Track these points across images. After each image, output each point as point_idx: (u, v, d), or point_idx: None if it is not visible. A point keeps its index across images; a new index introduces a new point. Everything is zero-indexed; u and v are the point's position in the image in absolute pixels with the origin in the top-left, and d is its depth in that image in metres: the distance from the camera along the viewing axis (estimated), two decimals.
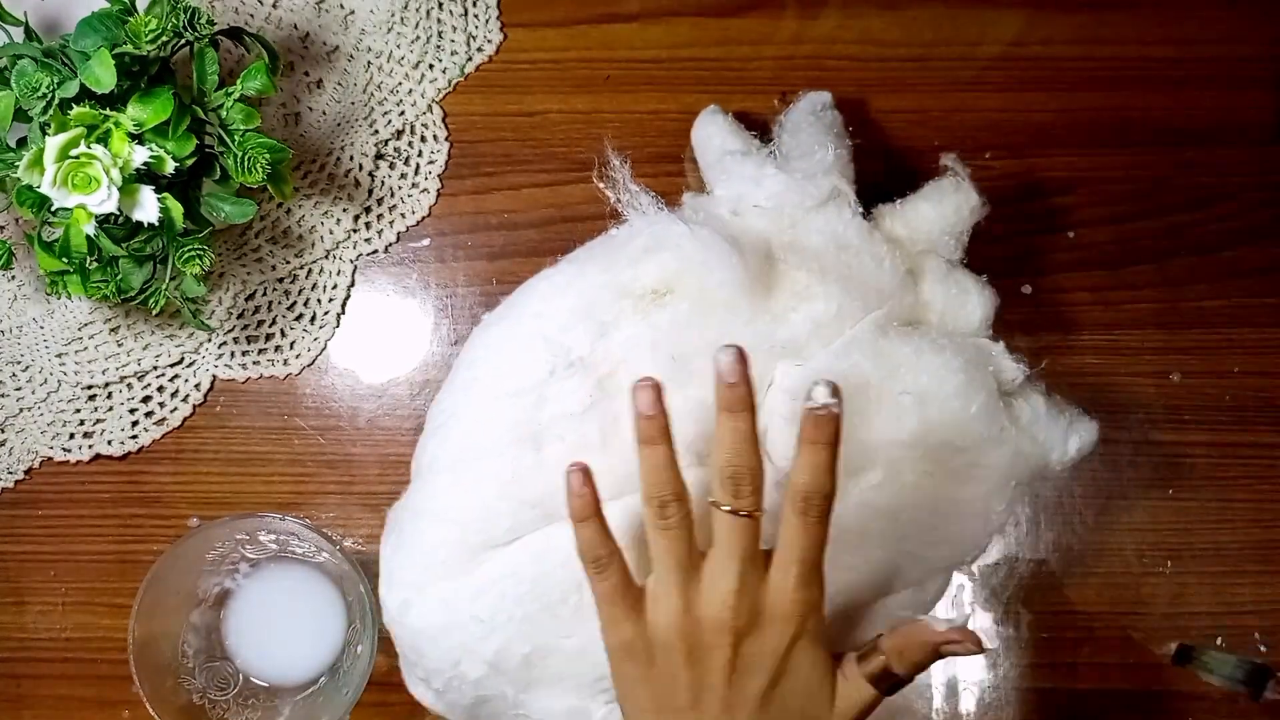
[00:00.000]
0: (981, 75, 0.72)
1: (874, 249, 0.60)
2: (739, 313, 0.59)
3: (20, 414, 0.69)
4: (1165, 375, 0.71)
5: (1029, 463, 0.60)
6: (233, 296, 0.70)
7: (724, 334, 0.58)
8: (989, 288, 0.63)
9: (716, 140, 0.66)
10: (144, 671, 0.63)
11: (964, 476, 0.59)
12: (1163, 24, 0.72)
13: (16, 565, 0.69)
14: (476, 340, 0.63)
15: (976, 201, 0.64)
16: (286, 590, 0.68)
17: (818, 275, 0.59)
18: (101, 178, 0.58)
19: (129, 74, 0.60)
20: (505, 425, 0.59)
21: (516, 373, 0.60)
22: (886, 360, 0.58)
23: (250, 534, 0.66)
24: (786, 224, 0.60)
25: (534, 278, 0.63)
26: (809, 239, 0.60)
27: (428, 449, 0.62)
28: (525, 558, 0.59)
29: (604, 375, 0.59)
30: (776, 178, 0.61)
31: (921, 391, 0.58)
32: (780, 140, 0.66)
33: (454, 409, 0.61)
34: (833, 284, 0.59)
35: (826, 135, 0.65)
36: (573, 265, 0.62)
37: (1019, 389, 0.61)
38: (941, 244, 0.64)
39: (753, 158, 0.63)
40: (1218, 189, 0.72)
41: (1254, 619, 0.70)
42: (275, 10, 0.70)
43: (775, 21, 0.72)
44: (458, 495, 0.60)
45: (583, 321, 0.59)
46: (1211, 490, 0.71)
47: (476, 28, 0.71)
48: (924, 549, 0.60)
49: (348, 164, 0.71)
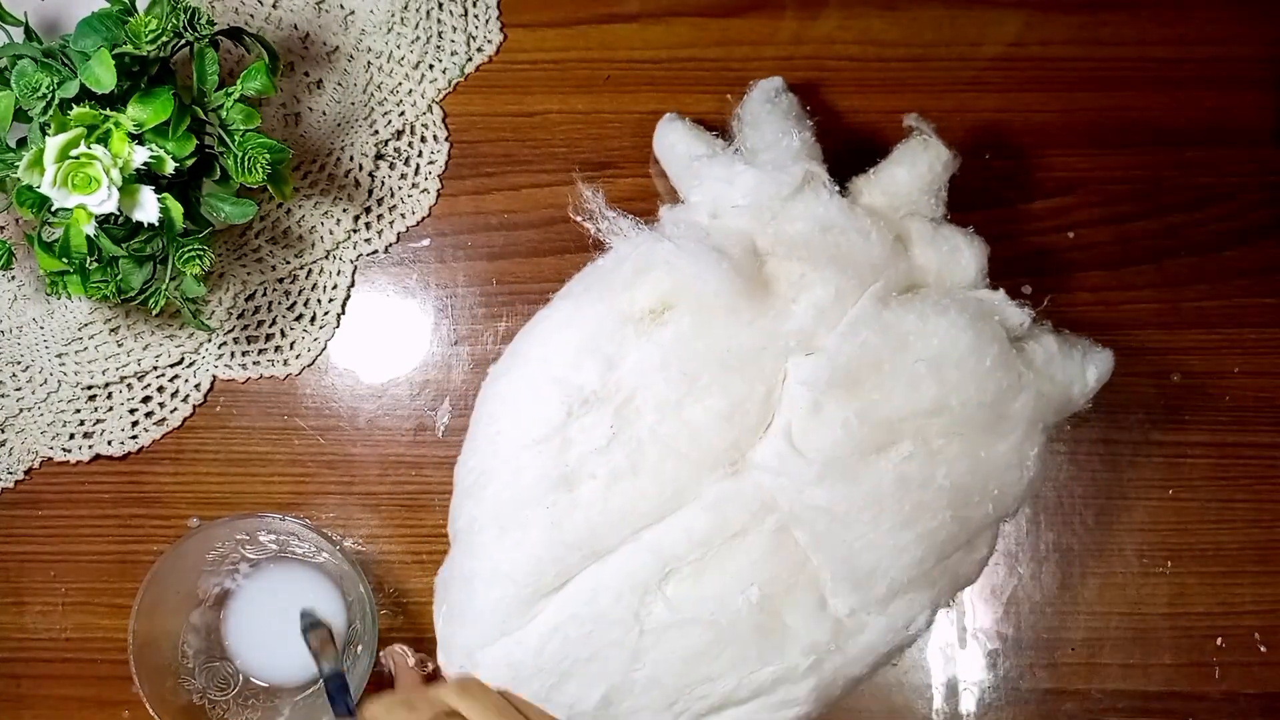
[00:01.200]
0: (981, 76, 0.72)
1: (858, 224, 0.61)
2: (740, 315, 0.59)
3: (20, 414, 0.69)
4: (1165, 375, 0.71)
5: (1052, 403, 0.61)
6: (233, 297, 0.70)
7: (730, 339, 0.58)
8: (978, 238, 0.63)
9: (680, 147, 0.66)
10: (144, 672, 0.63)
11: (992, 430, 0.59)
12: (1162, 25, 0.72)
13: (16, 565, 0.69)
14: (488, 394, 0.63)
15: (948, 155, 0.64)
16: (286, 590, 0.68)
17: (809, 262, 0.59)
18: (101, 178, 0.58)
19: (129, 74, 0.60)
20: (536, 473, 0.59)
21: (535, 420, 0.59)
22: (894, 332, 0.59)
23: (250, 534, 0.66)
24: (767, 217, 0.60)
25: (531, 321, 0.63)
26: (792, 227, 0.60)
27: (464, 510, 0.62)
28: (580, 599, 0.59)
29: (620, 404, 0.59)
30: (748, 173, 0.61)
31: (934, 356, 0.58)
32: (742, 135, 0.66)
33: (482, 466, 0.61)
34: (826, 267, 0.59)
35: (787, 121, 0.65)
36: (567, 301, 0.62)
37: (1028, 332, 0.62)
38: (922, 204, 0.64)
39: (720, 158, 0.63)
40: (1217, 189, 0.72)
41: (1253, 619, 0.70)
42: (275, 10, 0.70)
43: (775, 22, 0.72)
44: (504, 550, 0.59)
45: (589, 356, 0.59)
46: (1211, 490, 0.71)
47: (476, 28, 0.71)
48: (968, 510, 0.60)
49: (348, 164, 0.71)
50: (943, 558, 0.60)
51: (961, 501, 0.59)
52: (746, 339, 0.57)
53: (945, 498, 0.59)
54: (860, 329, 0.58)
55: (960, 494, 0.59)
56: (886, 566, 0.58)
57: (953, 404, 0.58)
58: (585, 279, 0.63)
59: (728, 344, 0.58)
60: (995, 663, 0.71)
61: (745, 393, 0.58)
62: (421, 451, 0.70)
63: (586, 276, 0.63)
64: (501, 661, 0.60)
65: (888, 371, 0.58)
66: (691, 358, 0.58)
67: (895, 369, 0.58)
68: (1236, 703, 0.70)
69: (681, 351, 0.58)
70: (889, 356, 0.58)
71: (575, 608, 0.59)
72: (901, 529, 0.58)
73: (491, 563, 0.60)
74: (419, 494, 0.70)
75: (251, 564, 0.68)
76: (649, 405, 0.58)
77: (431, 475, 0.69)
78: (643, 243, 0.60)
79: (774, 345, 0.58)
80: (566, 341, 0.60)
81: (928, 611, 0.60)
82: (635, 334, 0.59)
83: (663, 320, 0.59)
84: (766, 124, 0.65)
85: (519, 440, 0.60)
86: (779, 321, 0.59)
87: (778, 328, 0.59)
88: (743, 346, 0.58)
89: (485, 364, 0.70)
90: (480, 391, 0.63)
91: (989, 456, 0.59)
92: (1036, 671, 0.70)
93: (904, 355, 0.58)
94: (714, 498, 0.58)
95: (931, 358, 0.58)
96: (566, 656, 0.59)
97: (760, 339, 0.58)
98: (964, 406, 0.58)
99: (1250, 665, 0.70)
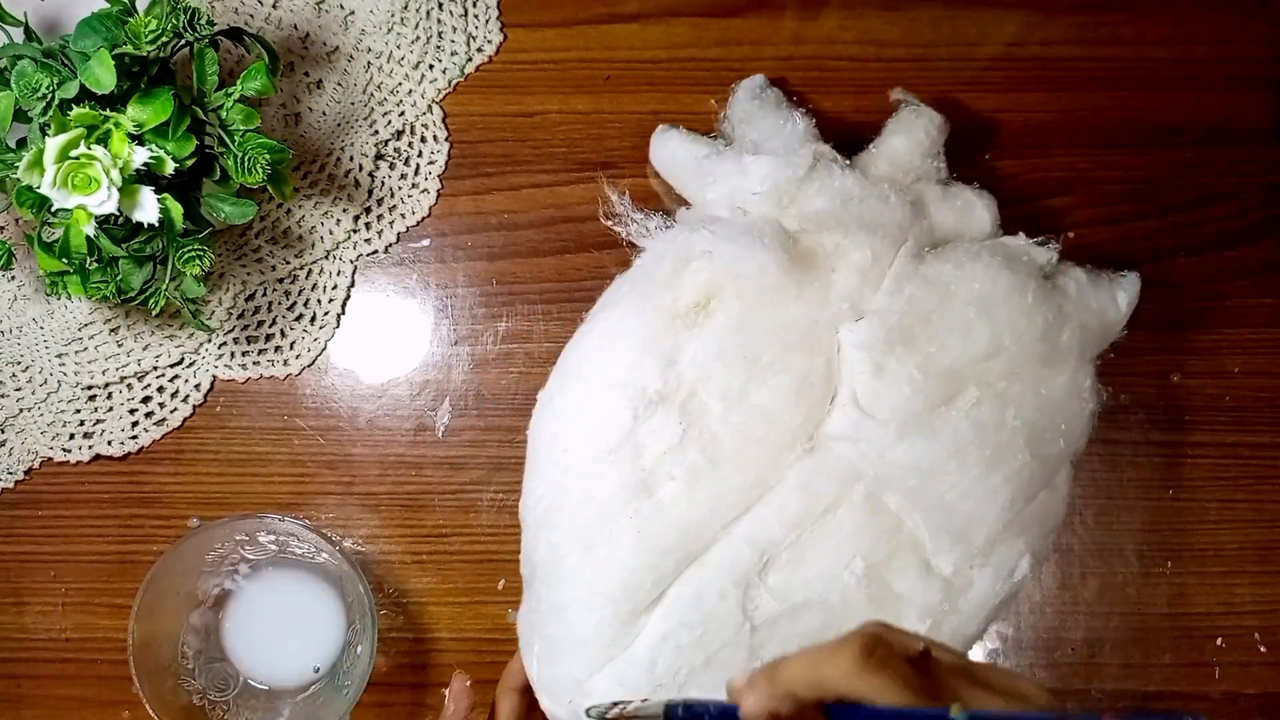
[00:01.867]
0: (981, 76, 0.72)
1: (877, 190, 0.62)
2: (786, 291, 0.59)
3: (20, 414, 0.69)
4: (1165, 375, 0.71)
5: (1093, 333, 0.62)
6: (233, 297, 0.70)
7: (782, 316, 0.58)
8: (985, 192, 0.65)
9: (681, 153, 0.66)
10: (144, 672, 0.63)
11: (1048, 364, 0.61)
12: (1162, 25, 0.72)
13: (16, 566, 0.69)
14: (544, 418, 0.62)
15: (940, 118, 0.66)
16: (286, 591, 0.68)
17: (840, 230, 0.60)
18: (101, 178, 0.58)
19: (129, 74, 0.60)
20: (613, 484, 0.58)
21: (603, 430, 0.59)
22: (936, 283, 0.60)
23: (250, 535, 0.66)
24: (786, 201, 0.61)
25: (575, 337, 0.62)
26: (813, 205, 0.61)
27: (540, 542, 0.60)
28: (683, 605, 0.58)
29: (685, 400, 0.58)
30: (760, 161, 0.61)
31: (980, 299, 0.59)
32: (739, 134, 0.67)
33: (554, 491, 0.60)
34: (857, 233, 0.60)
35: (780, 110, 0.66)
36: (611, 310, 0.62)
37: (1056, 269, 0.63)
38: (926, 169, 0.65)
39: (727, 153, 0.64)
40: (1217, 189, 0.72)
41: (1254, 619, 0.70)
42: (275, 11, 0.70)
43: (775, 22, 0.72)
44: (594, 570, 0.58)
45: (646, 356, 0.59)
46: (1211, 491, 0.71)
47: (476, 28, 0.71)
48: (1043, 447, 0.60)
49: (348, 164, 0.71)
50: (1030, 499, 0.61)
51: (1036, 439, 0.60)
52: (798, 313, 0.58)
53: (1020, 437, 0.59)
54: (903, 285, 0.59)
55: (1033, 432, 0.60)
56: (982, 514, 0.59)
57: (1006, 343, 0.59)
58: (624, 284, 0.63)
59: (780, 321, 0.58)
60: (995, 662, 0.71)
61: (808, 366, 0.58)
62: (421, 452, 0.70)
63: (625, 282, 0.63)
64: (614, 685, 0.58)
65: (938, 322, 0.59)
66: (748, 341, 0.58)
67: (945, 318, 0.59)
68: (1236, 703, 0.70)
69: (737, 337, 0.58)
70: (936, 307, 0.59)
71: (680, 614, 0.57)
72: (988, 473, 0.59)
73: (584, 586, 0.58)
74: (419, 494, 0.70)
75: (251, 565, 0.68)
76: (714, 396, 0.58)
77: (431, 475, 0.69)
78: (678, 236, 0.61)
79: (824, 315, 0.59)
80: (621, 347, 0.60)
81: (1027, 557, 0.61)
82: (687, 327, 0.59)
83: (710, 310, 0.59)
84: (761, 117, 0.66)
85: (589, 454, 0.59)
86: (825, 291, 0.59)
87: (825, 298, 0.59)
88: (795, 321, 0.59)
89: (485, 364, 0.70)
90: (533, 421, 0.62)
91: (1049, 392, 0.60)
92: (1036, 671, 0.70)
93: (950, 304, 0.59)
94: (798, 477, 0.58)
95: (977, 300, 0.59)
96: (681, 666, 0.57)
97: (810, 311, 0.58)
98: (1018, 344, 0.59)
99: (1250, 665, 0.70)
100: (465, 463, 0.69)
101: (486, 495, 0.69)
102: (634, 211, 0.63)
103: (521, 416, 0.69)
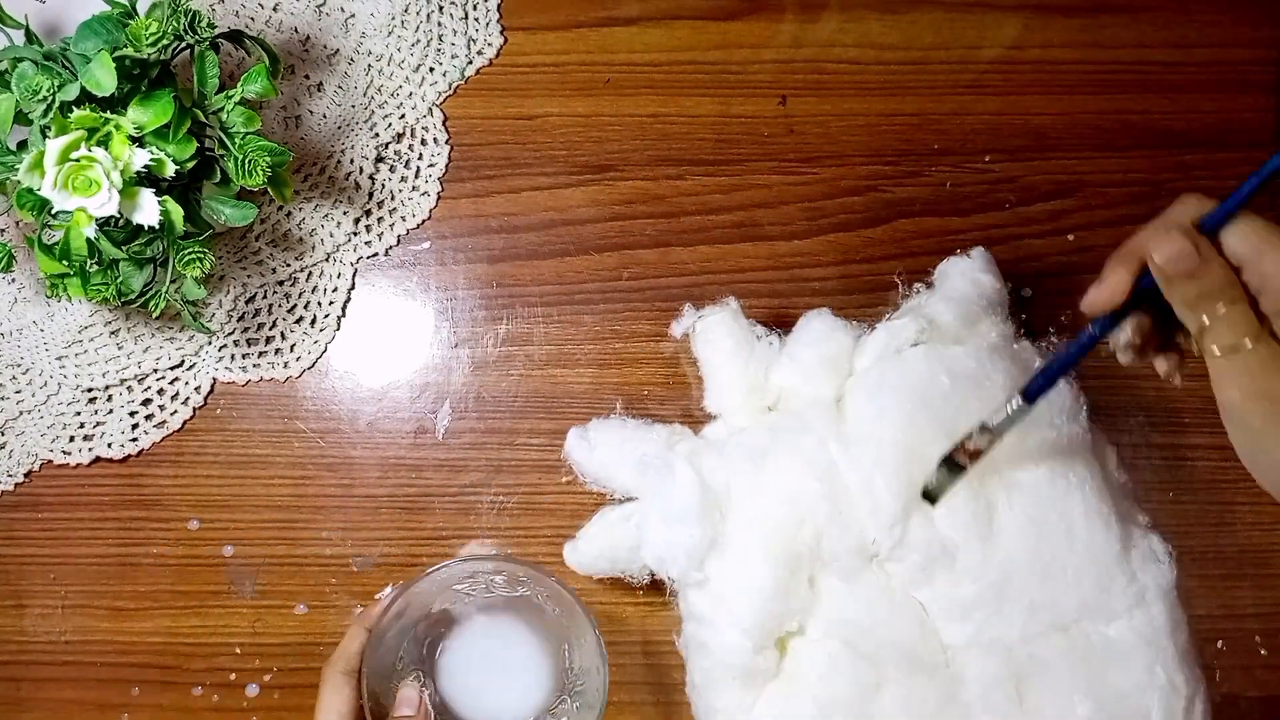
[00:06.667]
0: (981, 79, 0.72)
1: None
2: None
3: (20, 417, 0.69)
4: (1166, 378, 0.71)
5: None
6: (233, 299, 0.70)
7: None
8: None
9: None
10: (370, 665, 0.59)
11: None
12: (1161, 28, 0.72)
13: (16, 568, 0.69)
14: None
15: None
16: (507, 637, 0.64)
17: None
18: (102, 180, 0.58)
19: (129, 77, 0.60)
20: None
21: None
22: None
23: (509, 575, 0.62)
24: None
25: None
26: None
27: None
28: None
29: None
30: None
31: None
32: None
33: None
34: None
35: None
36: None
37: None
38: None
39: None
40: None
41: (1254, 622, 0.70)
42: (275, 14, 0.70)
43: (775, 25, 0.72)
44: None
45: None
46: (1211, 493, 0.71)
47: (477, 31, 0.72)
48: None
49: (348, 167, 0.71)
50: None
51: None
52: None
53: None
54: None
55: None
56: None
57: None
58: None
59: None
60: None
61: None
62: (422, 454, 0.70)
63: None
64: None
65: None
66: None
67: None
68: (1237, 705, 0.69)
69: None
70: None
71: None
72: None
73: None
74: (419, 496, 0.69)
75: (488, 597, 0.64)
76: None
77: (432, 478, 0.69)
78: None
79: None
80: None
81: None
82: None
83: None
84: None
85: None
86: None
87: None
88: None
89: (485, 366, 0.70)
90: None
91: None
92: None
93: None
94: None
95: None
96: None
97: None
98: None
99: (1251, 668, 0.70)
100: (465, 465, 0.69)
101: (486, 497, 0.69)
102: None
103: (521, 419, 0.69)
